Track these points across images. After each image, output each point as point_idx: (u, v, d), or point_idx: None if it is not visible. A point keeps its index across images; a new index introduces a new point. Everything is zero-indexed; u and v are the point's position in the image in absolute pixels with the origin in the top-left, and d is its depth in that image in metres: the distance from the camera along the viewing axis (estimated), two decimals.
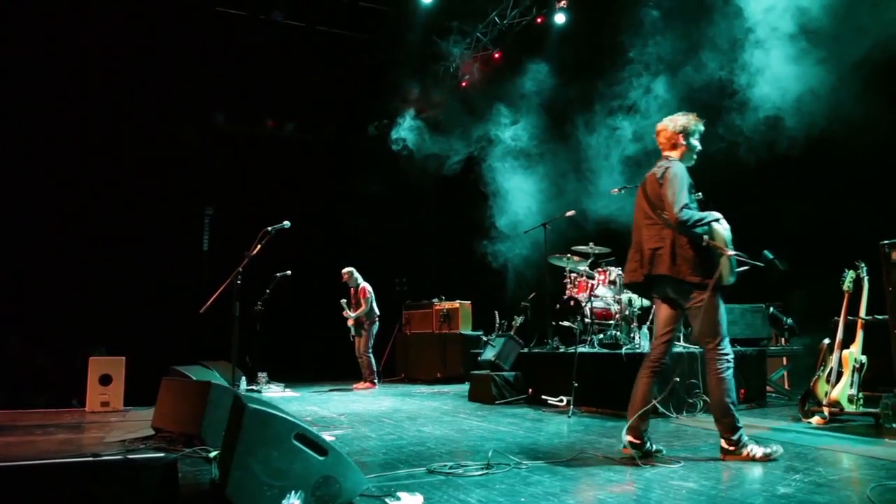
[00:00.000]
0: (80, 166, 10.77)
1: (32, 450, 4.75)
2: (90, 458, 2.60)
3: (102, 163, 10.92)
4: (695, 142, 4.20)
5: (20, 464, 2.49)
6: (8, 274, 10.12)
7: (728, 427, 3.94)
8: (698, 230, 3.87)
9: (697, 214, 3.86)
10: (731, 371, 4.00)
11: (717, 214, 3.98)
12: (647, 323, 6.94)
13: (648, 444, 4.05)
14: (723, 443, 3.96)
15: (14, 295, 10.06)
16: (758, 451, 3.86)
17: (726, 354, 4.00)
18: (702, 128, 4.22)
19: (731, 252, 3.91)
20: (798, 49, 6.96)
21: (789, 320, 7.49)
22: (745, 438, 3.93)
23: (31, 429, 5.84)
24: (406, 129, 11.81)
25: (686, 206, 3.83)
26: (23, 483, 2.43)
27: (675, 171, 3.96)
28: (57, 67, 10.50)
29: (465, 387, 8.45)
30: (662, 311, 4.17)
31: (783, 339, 7.67)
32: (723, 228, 3.97)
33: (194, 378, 5.74)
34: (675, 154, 4.17)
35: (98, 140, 10.87)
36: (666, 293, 4.11)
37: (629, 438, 3.99)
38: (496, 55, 12.39)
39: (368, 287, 9.93)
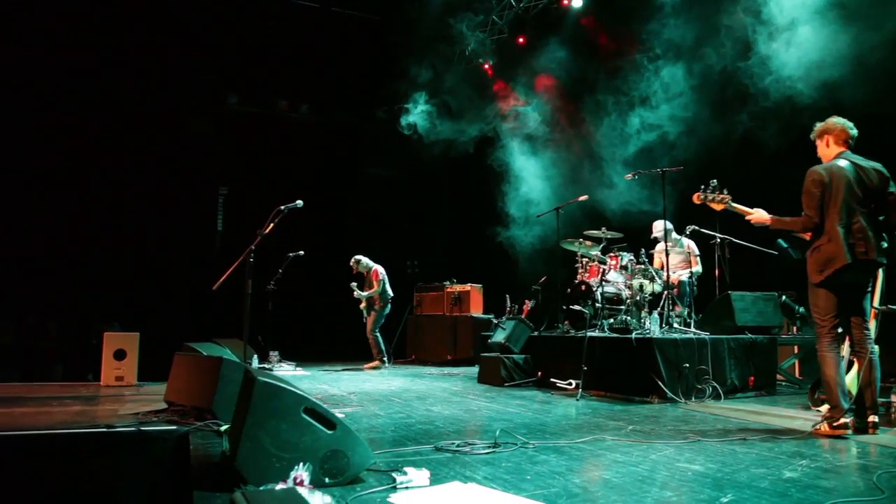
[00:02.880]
0: (98, 146, 10.85)
1: (48, 420, 4.84)
2: (104, 430, 2.63)
3: (120, 143, 11.00)
4: None
5: (36, 432, 2.53)
6: (27, 252, 10.27)
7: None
8: None
9: None
10: None
11: None
12: (658, 308, 6.93)
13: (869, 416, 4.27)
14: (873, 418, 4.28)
15: (33, 273, 10.22)
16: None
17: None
18: None
19: None
20: (818, 25, 6.86)
21: (801, 309, 7.45)
22: None
23: (47, 400, 5.95)
24: (419, 113, 11.78)
25: None
26: (38, 451, 2.47)
27: None
28: (74, 47, 10.57)
29: (475, 369, 8.49)
30: (834, 296, 4.32)
31: (795, 328, 7.64)
32: None
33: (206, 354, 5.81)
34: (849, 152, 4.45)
35: (115, 120, 10.94)
36: (862, 277, 4.32)
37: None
38: (519, 39, 12.27)
39: (380, 269, 9.96)
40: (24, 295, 10.09)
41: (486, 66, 12.81)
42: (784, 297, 7.40)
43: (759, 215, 4.51)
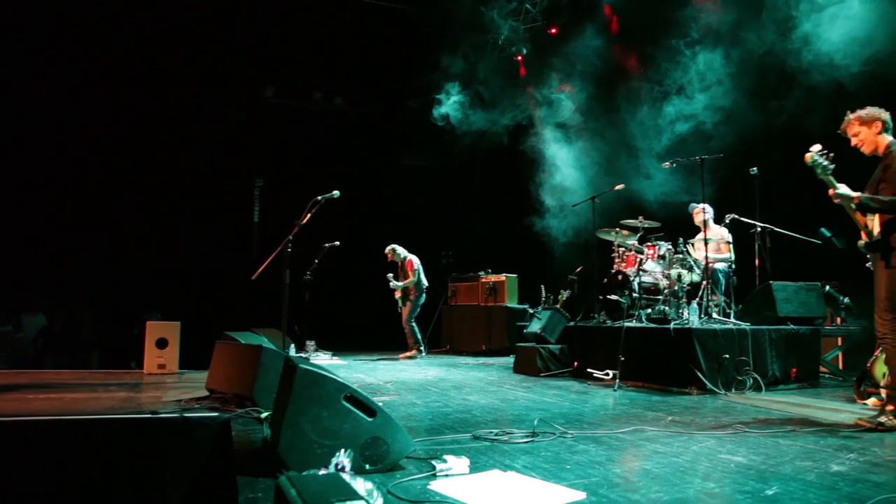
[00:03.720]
0: (137, 139, 11.09)
1: (97, 405, 4.99)
2: (149, 416, 2.70)
3: (158, 136, 11.22)
4: None
5: (87, 417, 2.61)
6: (71, 244, 10.57)
7: None
8: None
9: None
10: None
11: None
12: (697, 299, 6.82)
13: None
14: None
15: (76, 264, 10.53)
16: None
17: None
18: None
19: None
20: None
21: (846, 300, 7.26)
22: None
23: (95, 387, 6.13)
24: (452, 103, 11.73)
25: None
26: (88, 435, 2.54)
27: None
28: (112, 41, 10.79)
29: (510, 359, 8.47)
30: None
31: (839, 319, 7.45)
32: None
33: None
34: None
35: (154, 113, 11.15)
36: None
37: None
38: (552, 30, 12.12)
39: (415, 259, 9.98)
40: (70, 286, 10.40)
41: (519, 57, 12.69)
42: (828, 288, 7.21)
43: (844, 190, 4.25)
